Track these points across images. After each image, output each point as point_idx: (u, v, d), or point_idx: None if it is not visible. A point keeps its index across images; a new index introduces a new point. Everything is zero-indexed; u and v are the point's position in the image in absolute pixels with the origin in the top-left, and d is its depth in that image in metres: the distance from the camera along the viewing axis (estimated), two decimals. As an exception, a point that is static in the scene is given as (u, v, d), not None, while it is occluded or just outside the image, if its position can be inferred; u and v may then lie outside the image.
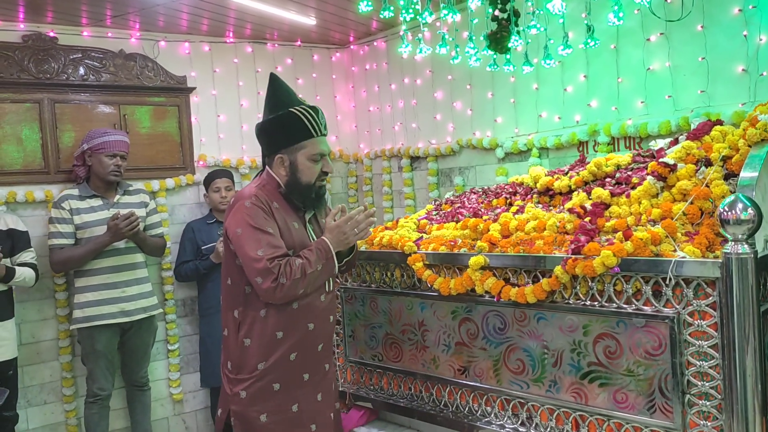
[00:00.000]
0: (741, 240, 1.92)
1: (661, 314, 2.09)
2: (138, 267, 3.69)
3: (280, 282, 2.14)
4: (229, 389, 2.31)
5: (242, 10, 3.88)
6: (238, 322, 2.29)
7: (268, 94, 2.39)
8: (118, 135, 3.66)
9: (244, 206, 2.24)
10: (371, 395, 3.08)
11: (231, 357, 2.32)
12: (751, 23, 2.89)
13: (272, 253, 2.16)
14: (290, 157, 2.32)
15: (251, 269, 2.17)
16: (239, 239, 2.20)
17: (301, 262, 2.20)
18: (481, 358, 2.63)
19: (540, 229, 2.57)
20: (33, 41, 3.74)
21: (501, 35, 2.77)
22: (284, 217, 2.31)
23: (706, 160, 2.43)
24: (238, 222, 2.22)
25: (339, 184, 5.13)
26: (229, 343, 2.33)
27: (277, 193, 2.34)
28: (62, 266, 3.54)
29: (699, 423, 2.05)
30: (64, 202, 3.53)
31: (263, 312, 2.26)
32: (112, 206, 3.62)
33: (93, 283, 3.53)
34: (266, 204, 2.27)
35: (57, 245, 3.49)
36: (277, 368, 2.27)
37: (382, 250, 2.97)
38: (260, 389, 2.26)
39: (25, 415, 3.70)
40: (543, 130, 3.77)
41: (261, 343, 2.26)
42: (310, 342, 2.33)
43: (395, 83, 4.68)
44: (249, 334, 2.27)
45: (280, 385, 2.28)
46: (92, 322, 3.50)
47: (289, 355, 2.28)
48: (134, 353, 3.73)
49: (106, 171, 3.57)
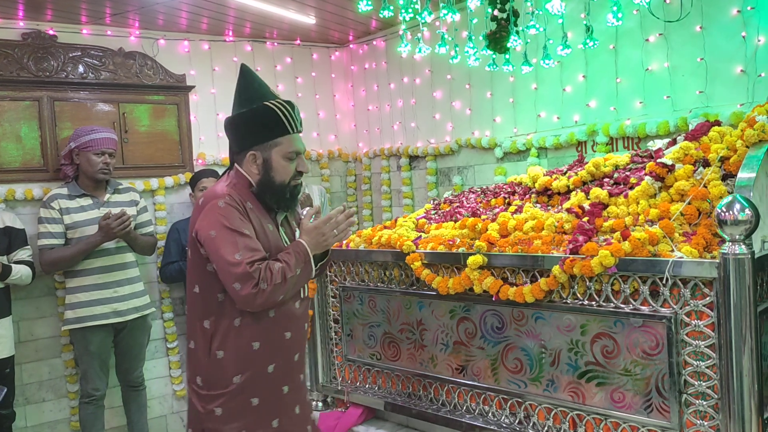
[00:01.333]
0: (738, 240, 1.92)
1: (658, 314, 2.09)
2: (129, 266, 3.65)
3: (261, 288, 1.96)
4: (201, 407, 2.10)
5: (242, 8, 3.89)
6: (209, 334, 2.09)
7: (240, 85, 2.18)
8: (106, 132, 3.59)
9: (217, 206, 2.05)
10: (369, 394, 3.08)
11: (200, 371, 2.11)
12: (750, 24, 2.89)
13: (251, 257, 1.98)
14: (264, 155, 2.12)
15: (228, 274, 1.97)
16: (213, 242, 2.00)
17: (281, 266, 2.02)
18: (478, 357, 2.63)
19: (538, 229, 2.58)
20: (32, 39, 3.74)
21: (500, 35, 2.77)
22: (259, 218, 2.13)
23: (704, 161, 2.43)
24: (211, 223, 2.03)
25: (338, 183, 5.13)
26: (198, 356, 2.12)
27: (249, 192, 2.15)
28: (52, 267, 3.47)
29: (696, 422, 2.05)
30: (53, 201, 3.47)
31: (237, 321, 2.07)
32: (102, 205, 3.57)
33: (84, 283, 3.49)
34: (240, 204, 2.08)
35: (47, 245, 3.43)
36: (255, 382, 2.09)
37: (381, 249, 2.98)
38: (237, 405, 2.08)
39: (23, 413, 3.70)
40: (542, 130, 3.78)
41: (236, 355, 2.07)
42: (288, 352, 2.17)
43: (394, 82, 4.68)
44: (222, 345, 2.07)
45: (258, 399, 2.10)
46: (85, 323, 3.47)
47: (267, 367, 2.11)
48: (128, 353, 3.70)
49: (94, 169, 3.51)
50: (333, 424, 3.11)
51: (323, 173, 4.98)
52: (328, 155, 5.01)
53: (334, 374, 3.29)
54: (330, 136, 5.05)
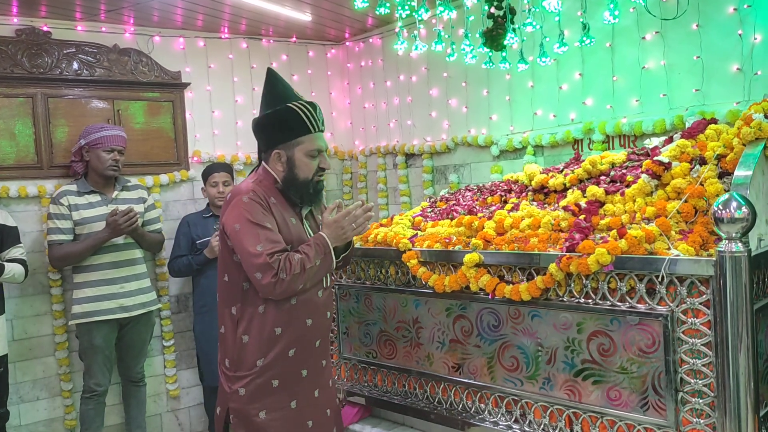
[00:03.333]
0: (735, 238, 1.93)
1: (654, 312, 2.09)
2: (137, 263, 3.68)
3: (280, 277, 2.13)
4: (228, 387, 2.29)
5: (237, 5, 3.87)
6: (236, 319, 2.27)
7: (266, 88, 2.35)
8: (115, 130, 3.65)
9: (241, 201, 2.22)
10: (365, 392, 3.08)
11: (229, 354, 2.29)
12: (746, 22, 2.89)
13: (271, 248, 2.15)
14: (288, 153, 2.30)
15: (250, 265, 2.15)
16: (237, 235, 2.18)
17: (300, 257, 2.18)
18: (475, 356, 2.63)
19: (535, 227, 2.58)
20: (26, 35, 3.72)
21: (497, 32, 2.77)
22: (281, 213, 2.29)
23: (701, 159, 2.43)
24: (236, 217, 2.20)
25: (334, 181, 5.12)
26: (227, 341, 2.31)
27: (274, 188, 2.32)
28: (61, 262, 3.51)
29: (692, 420, 2.05)
30: (62, 197, 3.51)
31: (261, 308, 2.24)
32: (110, 202, 3.60)
33: (92, 278, 3.52)
34: (264, 199, 2.25)
35: (56, 241, 3.47)
36: (276, 365, 2.25)
37: (377, 247, 2.97)
38: (259, 386, 2.24)
39: (17, 412, 3.68)
40: (538, 127, 3.77)
41: (260, 339, 2.24)
42: (308, 338, 2.32)
43: (390, 80, 4.67)
44: (247, 330, 2.25)
45: (278, 381, 2.26)
46: (91, 318, 3.49)
47: (288, 351, 2.27)
48: (131, 349, 3.72)
49: (104, 166, 3.56)
50: (329, 423, 3.11)
51: (320, 171, 4.97)
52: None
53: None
54: (326, 133, 5.02)
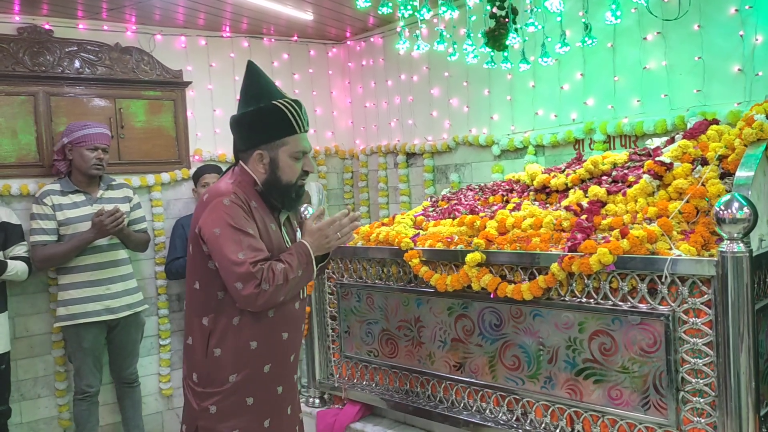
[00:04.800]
0: (736, 239, 1.93)
1: (656, 312, 2.10)
2: (122, 263, 3.62)
3: (263, 288, 1.95)
4: (196, 404, 2.09)
5: (239, 4, 3.87)
6: (207, 331, 2.07)
7: (246, 83, 2.15)
8: (99, 128, 3.56)
9: (222, 204, 2.02)
10: (367, 391, 3.08)
11: (197, 368, 2.09)
12: (748, 23, 2.90)
13: (254, 257, 1.96)
14: (271, 154, 2.10)
15: (230, 273, 1.96)
16: (217, 240, 1.98)
17: (284, 267, 2.00)
18: (476, 355, 2.64)
19: (536, 227, 2.58)
20: (28, 34, 3.71)
21: (499, 32, 2.78)
22: (263, 218, 2.11)
23: (702, 159, 2.44)
24: (215, 221, 2.00)
25: (335, 180, 5.12)
26: (195, 353, 2.10)
27: (253, 191, 2.12)
28: (45, 263, 3.44)
29: (693, 420, 2.06)
30: (46, 197, 3.44)
31: (236, 320, 2.06)
32: (95, 201, 3.54)
33: (77, 280, 3.46)
34: (245, 203, 2.06)
35: (39, 242, 3.40)
36: (251, 381, 2.08)
37: (379, 246, 2.98)
38: (232, 404, 2.07)
39: (19, 409, 3.69)
40: (539, 127, 3.78)
41: (233, 353, 2.05)
42: (284, 352, 2.16)
43: (392, 79, 4.67)
44: (220, 343, 2.05)
45: (253, 399, 2.09)
46: (77, 320, 3.44)
47: (263, 367, 2.10)
48: (122, 350, 3.68)
49: (88, 165, 3.47)
50: (330, 421, 3.11)
51: (320, 170, 4.98)
52: (325, 152, 5.00)
53: (332, 371, 3.29)
54: (327, 133, 5.04)
